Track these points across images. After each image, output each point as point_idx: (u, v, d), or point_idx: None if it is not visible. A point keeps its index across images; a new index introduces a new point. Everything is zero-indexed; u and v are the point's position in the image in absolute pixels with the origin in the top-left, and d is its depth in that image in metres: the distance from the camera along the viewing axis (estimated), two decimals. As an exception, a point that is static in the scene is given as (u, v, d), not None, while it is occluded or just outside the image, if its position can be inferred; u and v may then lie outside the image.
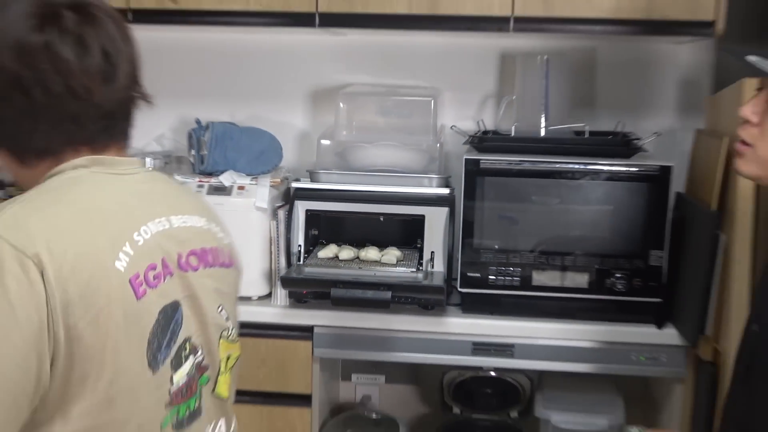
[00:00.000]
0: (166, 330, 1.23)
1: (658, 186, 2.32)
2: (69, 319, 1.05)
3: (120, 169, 1.29)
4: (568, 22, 2.37)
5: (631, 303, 2.36)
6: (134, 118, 1.34)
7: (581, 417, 2.40)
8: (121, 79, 1.25)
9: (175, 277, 1.26)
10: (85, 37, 1.20)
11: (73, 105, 1.21)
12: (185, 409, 1.27)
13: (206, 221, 1.39)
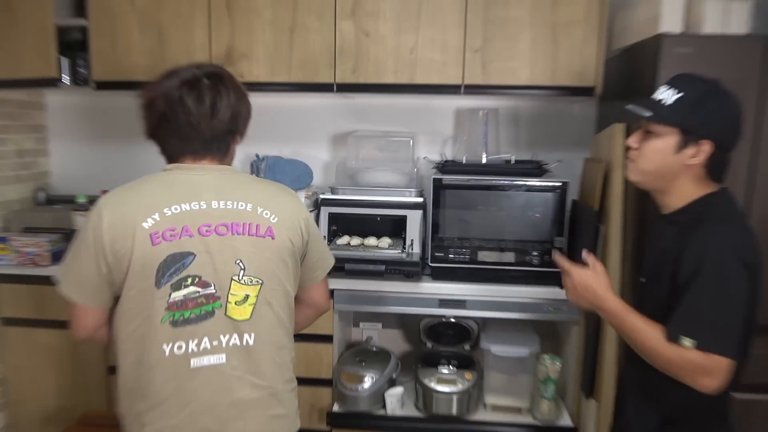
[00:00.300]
0: (171, 266, 1.34)
1: (560, 195, 2.31)
2: (113, 247, 1.32)
3: (191, 171, 1.42)
4: (499, 88, 2.36)
5: (543, 272, 2.34)
6: (229, 143, 1.47)
7: (511, 348, 2.37)
8: (221, 119, 1.40)
9: (194, 238, 1.35)
10: (203, 94, 1.37)
11: (189, 131, 1.39)
12: (179, 316, 1.35)
13: (252, 206, 1.41)
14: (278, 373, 1.45)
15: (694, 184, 1.39)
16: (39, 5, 2.37)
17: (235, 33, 2.38)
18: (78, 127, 2.92)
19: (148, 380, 1.35)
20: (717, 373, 1.27)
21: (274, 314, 1.43)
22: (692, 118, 1.35)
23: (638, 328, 1.35)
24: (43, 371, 2.56)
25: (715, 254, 1.27)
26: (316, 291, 1.63)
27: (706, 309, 1.26)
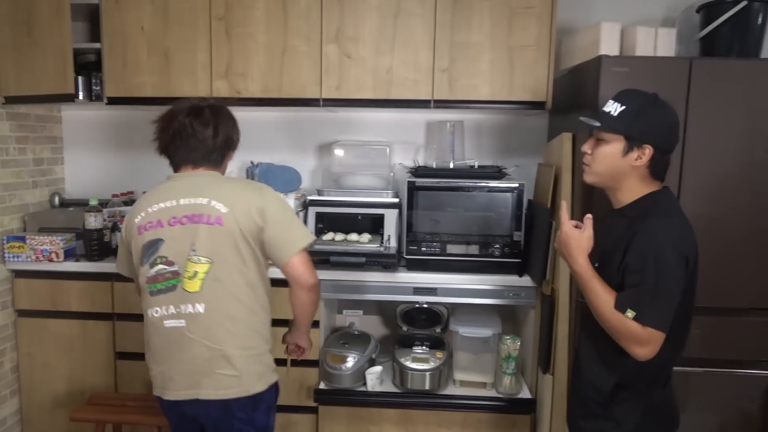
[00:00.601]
0: (148, 250, 1.61)
1: (518, 195, 2.38)
2: (126, 237, 1.69)
3: (177, 178, 1.67)
4: (464, 102, 2.42)
5: (503, 263, 2.40)
6: (224, 157, 1.73)
7: (476, 329, 2.43)
8: (220, 135, 1.64)
9: (165, 228, 1.59)
10: (206, 118, 1.64)
11: (196, 145, 1.64)
12: (154, 287, 1.60)
13: (208, 201, 1.59)
14: (230, 339, 1.59)
15: (640, 182, 1.48)
16: (58, 31, 2.42)
17: (233, 55, 2.44)
18: (90, 138, 2.96)
19: (147, 336, 1.66)
20: (649, 343, 1.36)
21: (224, 289, 1.58)
22: (634, 126, 1.44)
23: (598, 292, 1.42)
24: (54, 358, 2.56)
25: (659, 246, 1.36)
26: (292, 268, 1.64)
27: (648, 291, 1.35)
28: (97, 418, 2.13)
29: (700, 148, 2.12)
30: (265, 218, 1.60)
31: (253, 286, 1.63)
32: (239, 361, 1.59)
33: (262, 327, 1.67)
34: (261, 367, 1.65)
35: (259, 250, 1.62)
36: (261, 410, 1.66)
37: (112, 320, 2.52)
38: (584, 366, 1.56)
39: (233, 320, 1.59)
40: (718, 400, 2.27)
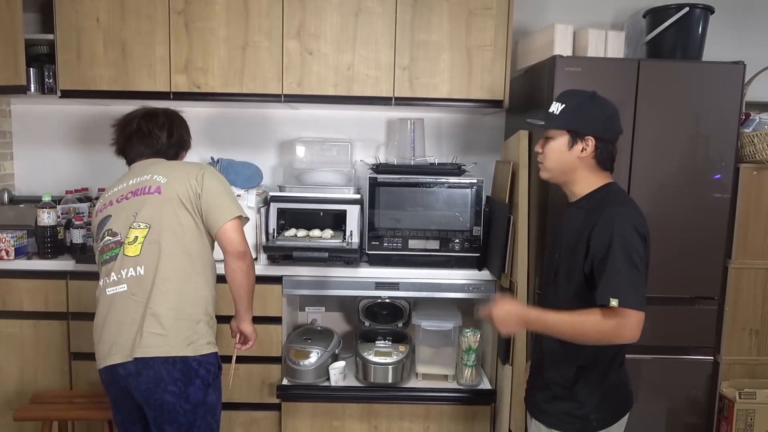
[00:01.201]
0: (101, 226, 1.75)
1: (477, 191, 2.43)
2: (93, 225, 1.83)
3: (136, 165, 1.83)
4: (424, 100, 2.47)
5: (463, 257, 2.45)
6: (179, 155, 1.91)
7: (437, 323, 2.46)
8: (174, 135, 1.83)
9: (114, 205, 1.74)
10: (161, 121, 1.85)
11: (150, 142, 1.81)
12: (102, 258, 1.73)
13: (151, 176, 1.73)
14: (162, 299, 1.65)
15: (590, 174, 1.57)
16: (9, 20, 2.35)
17: (192, 49, 2.42)
18: (41, 133, 2.85)
19: (96, 309, 1.73)
20: (635, 325, 1.41)
21: (160, 251, 1.66)
22: (574, 120, 1.55)
23: (562, 320, 1.46)
24: (4, 360, 2.46)
25: (621, 230, 1.44)
26: (223, 234, 1.71)
27: (621, 275, 1.41)
28: (41, 416, 2.08)
29: (648, 144, 2.23)
30: (202, 186, 1.71)
31: (190, 252, 1.70)
32: (168, 321, 1.64)
33: (198, 294, 1.71)
34: (191, 333, 1.67)
35: (198, 219, 1.71)
36: (195, 385, 1.67)
37: (67, 320, 2.44)
38: (546, 353, 1.61)
39: (166, 281, 1.65)
40: (666, 386, 2.38)
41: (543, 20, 2.66)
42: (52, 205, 2.43)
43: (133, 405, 1.72)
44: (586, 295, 1.49)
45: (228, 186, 1.80)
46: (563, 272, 1.57)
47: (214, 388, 1.75)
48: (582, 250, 1.49)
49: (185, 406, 1.67)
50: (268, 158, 2.86)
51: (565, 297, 1.55)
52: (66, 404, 2.17)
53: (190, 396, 1.67)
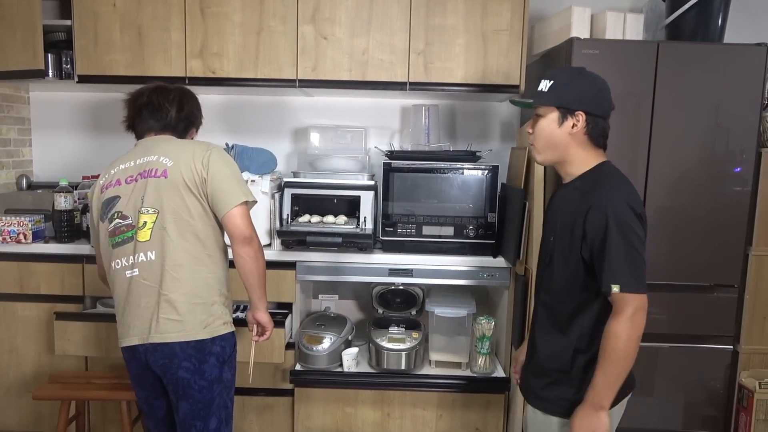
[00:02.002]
0: (107, 207, 1.71)
1: (492, 177, 2.41)
2: (92, 203, 1.79)
3: (139, 143, 1.79)
4: (439, 85, 2.44)
5: (478, 244, 2.42)
6: (189, 131, 1.85)
7: (451, 310, 2.43)
8: (185, 110, 1.81)
9: (122, 186, 1.70)
10: (172, 96, 1.80)
11: (160, 116, 1.77)
12: (114, 240, 1.69)
13: (157, 157, 1.69)
14: (175, 286, 1.65)
15: (583, 151, 1.51)
16: (27, 5, 2.36)
17: (207, 34, 2.42)
18: (59, 120, 2.89)
19: (112, 288, 1.74)
20: (642, 308, 1.38)
21: (170, 237, 1.65)
22: (564, 95, 1.49)
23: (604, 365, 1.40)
24: (22, 343, 2.49)
25: (616, 209, 1.39)
26: (229, 219, 1.67)
27: (620, 259, 1.37)
28: (60, 395, 2.11)
29: (667, 130, 2.19)
30: (208, 169, 1.66)
31: (200, 236, 1.68)
32: (183, 307, 1.65)
33: (211, 277, 1.71)
34: (207, 316, 1.69)
35: (206, 202, 1.68)
36: (209, 363, 1.69)
37: (83, 303, 2.46)
38: (541, 338, 1.57)
39: (178, 267, 1.65)
40: (684, 376, 2.34)
41: (559, 5, 2.61)
42: (68, 189, 2.45)
43: (155, 379, 1.74)
44: (582, 280, 1.46)
45: (235, 168, 1.75)
46: (559, 256, 1.51)
47: (230, 366, 1.76)
48: (578, 233, 1.44)
49: (201, 382, 1.68)
50: (282, 145, 2.86)
51: (560, 280, 1.51)
52: (84, 384, 2.20)
53: (205, 373, 1.68)
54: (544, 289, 1.57)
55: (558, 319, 1.53)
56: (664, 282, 2.26)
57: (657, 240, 2.23)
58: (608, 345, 1.39)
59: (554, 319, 1.54)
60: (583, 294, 1.47)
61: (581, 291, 1.47)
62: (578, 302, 1.48)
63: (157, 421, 1.82)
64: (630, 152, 2.21)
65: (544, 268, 1.59)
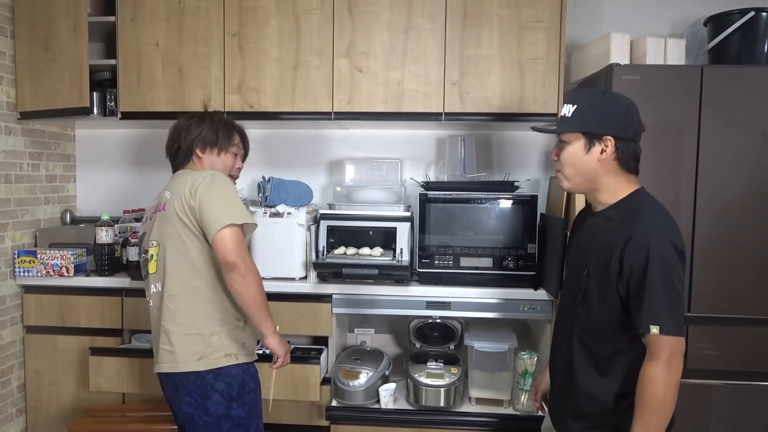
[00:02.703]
0: (140, 243, 1.83)
1: (530, 207, 2.36)
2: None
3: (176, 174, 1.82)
4: (475, 115, 2.40)
5: (517, 275, 2.36)
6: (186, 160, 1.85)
7: (492, 344, 2.36)
8: (173, 146, 1.83)
9: (148, 222, 1.80)
10: (178, 134, 1.84)
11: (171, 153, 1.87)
12: (143, 272, 1.80)
13: (166, 192, 1.73)
14: (170, 316, 1.68)
15: (615, 179, 1.44)
16: (75, 46, 2.45)
17: (246, 70, 2.46)
18: (102, 156, 2.97)
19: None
20: (679, 352, 1.32)
21: (167, 268, 1.67)
22: (588, 120, 1.42)
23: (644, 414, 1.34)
24: (62, 376, 2.51)
25: (659, 245, 1.32)
26: (214, 246, 1.61)
27: (660, 299, 1.30)
28: (94, 429, 2.12)
29: (714, 156, 2.11)
30: (196, 197, 1.63)
31: (197, 265, 1.66)
32: (174, 338, 1.67)
33: (208, 307, 1.68)
34: (203, 347, 1.66)
35: (198, 231, 1.65)
36: (213, 399, 1.65)
37: (122, 336, 2.47)
38: (582, 379, 1.47)
39: (173, 298, 1.67)
40: (740, 416, 2.20)
41: (596, 33, 2.59)
42: (110, 223, 2.49)
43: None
44: (620, 317, 1.39)
45: (227, 192, 1.66)
46: (595, 292, 1.43)
47: (241, 403, 1.70)
48: (615, 267, 1.37)
49: (206, 418, 1.67)
50: (318, 177, 2.87)
51: (597, 318, 1.43)
52: (119, 417, 2.20)
53: (209, 409, 1.66)
54: (579, 326, 1.49)
55: (597, 360, 1.46)
56: (714, 315, 2.16)
57: (706, 271, 2.14)
58: (646, 392, 1.32)
59: (593, 358, 1.46)
60: (622, 333, 1.40)
61: (619, 329, 1.40)
62: (618, 342, 1.42)
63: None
64: (676, 180, 2.13)
65: (576, 303, 1.49)
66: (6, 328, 2.48)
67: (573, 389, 1.50)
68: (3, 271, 2.47)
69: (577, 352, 1.49)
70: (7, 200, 2.49)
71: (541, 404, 1.82)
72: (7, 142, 2.50)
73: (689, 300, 2.16)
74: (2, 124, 2.47)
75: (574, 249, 1.59)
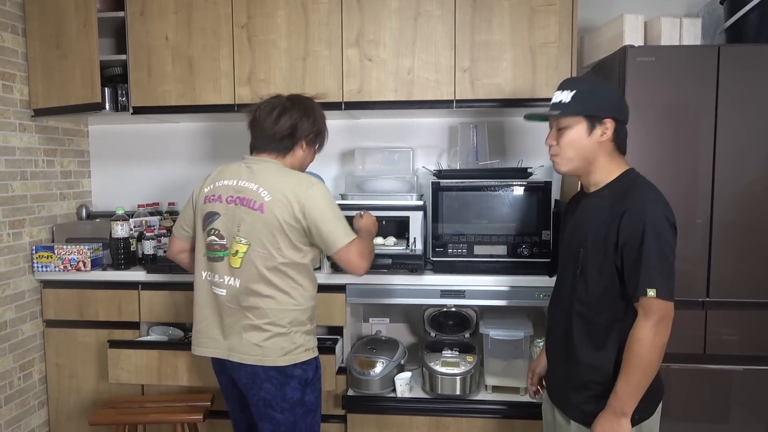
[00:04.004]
0: (208, 219, 1.77)
1: (544, 193, 2.33)
2: (195, 201, 1.84)
3: (246, 160, 1.80)
4: (486, 102, 2.37)
5: (532, 263, 2.34)
6: (291, 146, 1.79)
7: (507, 332, 2.35)
8: (280, 125, 1.77)
9: (222, 203, 1.74)
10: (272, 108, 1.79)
11: (259, 132, 1.80)
12: (208, 254, 1.77)
13: (257, 187, 1.71)
14: (260, 314, 1.72)
15: (609, 160, 1.52)
16: (86, 42, 2.45)
17: (255, 61, 2.45)
18: (115, 152, 2.98)
19: (195, 294, 1.82)
20: (668, 317, 1.40)
21: (256, 270, 1.70)
22: (591, 104, 1.49)
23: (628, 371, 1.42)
24: (81, 368, 2.55)
25: (654, 217, 1.40)
26: (340, 261, 1.76)
27: (656, 265, 1.38)
28: (114, 420, 2.15)
29: (732, 140, 2.06)
30: (306, 217, 1.69)
31: (288, 271, 1.72)
32: (264, 335, 1.71)
33: (296, 309, 1.75)
34: (289, 344, 1.73)
35: (298, 239, 1.71)
36: (292, 386, 1.74)
37: (139, 329, 2.50)
38: (581, 351, 1.53)
39: (262, 297, 1.71)
40: (762, 400, 2.16)
41: (609, 14, 2.53)
42: (125, 217, 2.50)
43: (240, 395, 1.83)
44: (618, 288, 1.46)
45: (331, 207, 1.74)
46: (593, 266, 1.49)
47: (312, 389, 1.80)
48: (612, 239, 1.44)
49: (282, 404, 1.73)
50: (330, 168, 2.86)
51: (596, 290, 1.50)
52: (138, 408, 2.22)
53: (287, 395, 1.74)
54: (578, 300, 1.54)
55: (596, 331, 1.51)
56: (733, 300, 2.11)
57: (725, 255, 2.10)
58: (632, 351, 1.41)
59: (592, 330, 1.52)
60: (618, 303, 1.47)
61: (616, 299, 1.47)
62: (615, 312, 1.48)
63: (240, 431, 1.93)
64: (693, 163, 2.08)
65: (574, 279, 1.56)
66: (26, 323, 2.51)
67: (573, 363, 1.55)
68: (22, 267, 2.50)
69: (577, 326, 1.54)
70: (24, 197, 2.51)
71: (537, 388, 1.87)
72: (22, 139, 2.52)
73: (707, 285, 2.12)
74: (17, 122, 2.49)
75: (569, 230, 1.65)
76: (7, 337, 2.43)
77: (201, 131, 2.92)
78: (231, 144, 2.89)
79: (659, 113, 2.07)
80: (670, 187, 2.07)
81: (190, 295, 1.83)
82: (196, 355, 1.83)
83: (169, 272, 2.42)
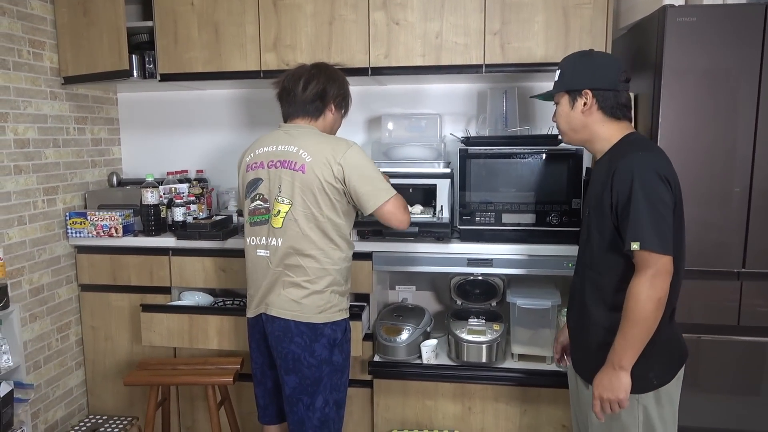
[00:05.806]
0: (251, 186, 1.86)
1: (575, 161, 2.28)
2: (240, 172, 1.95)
3: (283, 127, 1.89)
4: (517, 66, 2.32)
5: (561, 231, 2.31)
6: (321, 110, 1.87)
7: (534, 301, 2.34)
8: (310, 90, 1.85)
9: (264, 169, 1.83)
10: (300, 75, 1.87)
11: (291, 99, 1.87)
12: (252, 219, 1.86)
13: (297, 149, 1.79)
14: (299, 272, 1.80)
15: (605, 127, 1.57)
16: (112, 8, 2.47)
17: (281, 26, 2.43)
18: (144, 119, 3.02)
19: (246, 261, 1.92)
20: (664, 270, 1.39)
21: (299, 229, 1.78)
22: (568, 80, 1.60)
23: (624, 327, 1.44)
24: (115, 331, 2.64)
25: (642, 173, 1.41)
26: (381, 218, 1.84)
27: (643, 218, 1.39)
28: (147, 381, 2.24)
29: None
30: (345, 176, 1.76)
31: (327, 230, 1.80)
32: (302, 292, 1.80)
33: (333, 268, 1.83)
34: (324, 302, 1.83)
35: (338, 199, 1.79)
36: (321, 343, 1.81)
37: (170, 294, 2.56)
38: (595, 314, 1.56)
39: (303, 256, 1.79)
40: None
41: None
42: (155, 185, 2.55)
43: (270, 351, 1.90)
44: (619, 248, 1.47)
45: (370, 167, 1.82)
46: (594, 228, 1.55)
47: (341, 350, 1.88)
48: (607, 200, 1.48)
49: (310, 359, 1.81)
50: (356, 135, 2.84)
51: (599, 252, 1.54)
52: (170, 370, 2.30)
53: (315, 351, 1.81)
54: (587, 266, 1.60)
55: (605, 293, 1.54)
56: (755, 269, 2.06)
57: (765, 224, 2.04)
58: (628, 305, 1.42)
59: (601, 293, 1.55)
60: (622, 263, 1.48)
61: (620, 259, 1.48)
62: (620, 272, 1.49)
63: (265, 391, 1.99)
64: (732, 129, 2.01)
65: (584, 243, 1.63)
66: (63, 287, 2.61)
67: (587, 326, 1.59)
68: (57, 233, 2.58)
69: (589, 289, 1.59)
70: (57, 164, 2.57)
71: (561, 356, 1.90)
72: (53, 107, 2.56)
73: (744, 255, 2.06)
74: (48, 90, 2.53)
75: (585, 198, 1.73)
76: (45, 301, 2.52)
77: (228, 98, 2.93)
78: (258, 111, 2.90)
79: (699, 77, 2.00)
80: (708, 154, 2.04)
81: (220, 262, 1.88)
82: (228, 320, 1.93)
83: (198, 239, 2.46)
